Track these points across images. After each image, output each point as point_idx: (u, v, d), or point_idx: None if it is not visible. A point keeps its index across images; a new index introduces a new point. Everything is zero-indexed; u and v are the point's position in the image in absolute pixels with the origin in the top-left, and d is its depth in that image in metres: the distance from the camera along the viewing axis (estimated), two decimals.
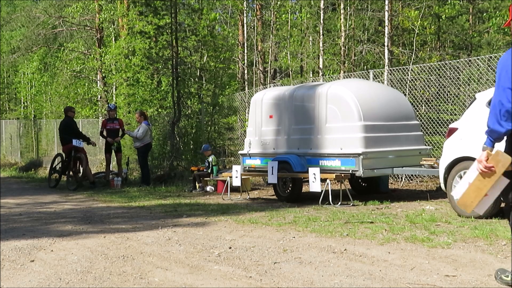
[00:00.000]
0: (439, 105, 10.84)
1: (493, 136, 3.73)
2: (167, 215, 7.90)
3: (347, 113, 8.65)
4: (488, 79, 9.86)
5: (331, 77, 14.53)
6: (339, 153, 8.72)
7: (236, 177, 9.94)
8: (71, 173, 13.32)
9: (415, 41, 15.93)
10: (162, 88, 16.89)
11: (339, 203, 8.45)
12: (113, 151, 13.75)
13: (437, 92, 10.84)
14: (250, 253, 5.10)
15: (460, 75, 10.37)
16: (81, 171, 13.27)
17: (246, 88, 19.15)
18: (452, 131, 7.17)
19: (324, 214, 7.40)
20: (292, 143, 9.52)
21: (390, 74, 11.71)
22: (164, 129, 16.06)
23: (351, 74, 13.17)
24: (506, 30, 15.32)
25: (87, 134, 15.17)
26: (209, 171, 11.91)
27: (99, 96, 23.02)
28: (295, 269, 4.45)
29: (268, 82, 18.09)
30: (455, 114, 10.23)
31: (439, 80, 10.64)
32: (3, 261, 5.01)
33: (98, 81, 23.47)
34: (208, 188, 11.72)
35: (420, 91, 11.56)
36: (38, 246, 5.65)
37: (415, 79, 11.51)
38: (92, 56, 22.68)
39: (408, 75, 11.29)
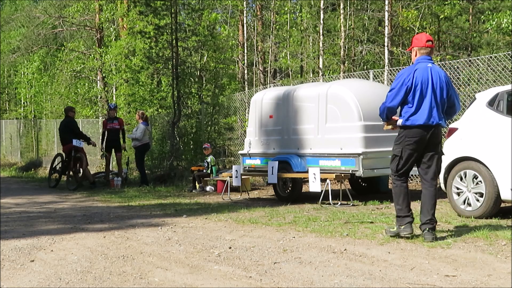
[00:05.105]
0: None
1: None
2: (167, 215, 7.90)
3: (347, 113, 8.65)
4: (488, 79, 9.86)
5: (331, 77, 14.53)
6: (339, 153, 8.72)
7: (236, 177, 9.94)
8: (71, 173, 13.32)
9: None
10: (162, 88, 16.89)
11: (339, 203, 8.45)
12: (113, 150, 13.80)
13: None
14: (250, 253, 5.10)
15: (460, 75, 10.37)
16: (81, 171, 13.28)
17: (246, 88, 19.16)
18: (452, 131, 7.17)
19: (324, 214, 7.40)
20: (292, 143, 9.52)
21: (390, 74, 11.71)
22: (164, 129, 16.06)
23: (351, 74, 13.17)
24: (506, 30, 15.31)
25: (87, 134, 15.18)
26: (208, 171, 11.92)
27: (99, 96, 23.03)
28: (295, 269, 4.45)
29: (268, 82, 18.09)
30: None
31: None
32: (3, 261, 5.00)
33: (98, 81, 23.48)
34: (208, 188, 11.72)
35: None
36: (38, 246, 5.65)
37: None
38: (92, 56, 22.69)
39: None
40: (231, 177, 10.14)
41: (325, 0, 16.40)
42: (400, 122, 5.40)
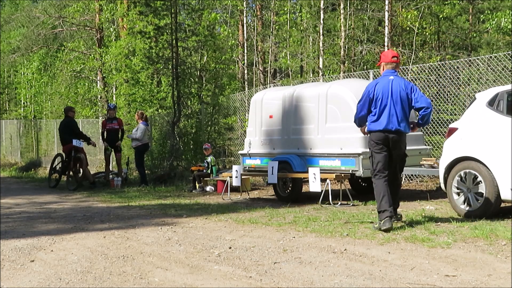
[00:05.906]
0: (439, 105, 10.83)
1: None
2: (167, 215, 7.90)
3: (347, 113, 8.63)
4: (488, 79, 9.86)
5: (331, 77, 14.53)
6: (339, 153, 8.72)
7: (236, 177, 9.94)
8: (71, 173, 13.32)
9: (415, 41, 15.92)
10: (162, 88, 16.90)
11: (339, 203, 8.45)
12: (112, 151, 13.80)
13: (437, 92, 10.84)
14: (250, 253, 5.10)
15: (460, 75, 10.37)
16: (81, 171, 13.28)
17: (246, 88, 19.15)
18: (452, 131, 7.17)
19: (324, 214, 7.40)
20: (292, 143, 9.52)
21: None
22: (164, 129, 16.06)
23: (351, 74, 13.17)
24: (506, 30, 15.31)
25: (87, 134, 15.19)
26: (209, 171, 11.92)
27: (99, 96, 23.03)
28: (295, 269, 4.45)
29: (268, 82, 18.09)
30: (455, 114, 10.22)
31: (439, 80, 10.64)
32: (3, 261, 5.01)
33: (98, 81, 23.49)
34: (208, 188, 11.72)
35: (420, 91, 11.53)
36: (38, 246, 5.65)
37: (415, 79, 11.50)
38: (92, 56, 22.69)
39: (408, 75, 11.29)
40: (231, 177, 10.14)
41: (325, 0, 16.40)
42: (365, 128, 6.30)
